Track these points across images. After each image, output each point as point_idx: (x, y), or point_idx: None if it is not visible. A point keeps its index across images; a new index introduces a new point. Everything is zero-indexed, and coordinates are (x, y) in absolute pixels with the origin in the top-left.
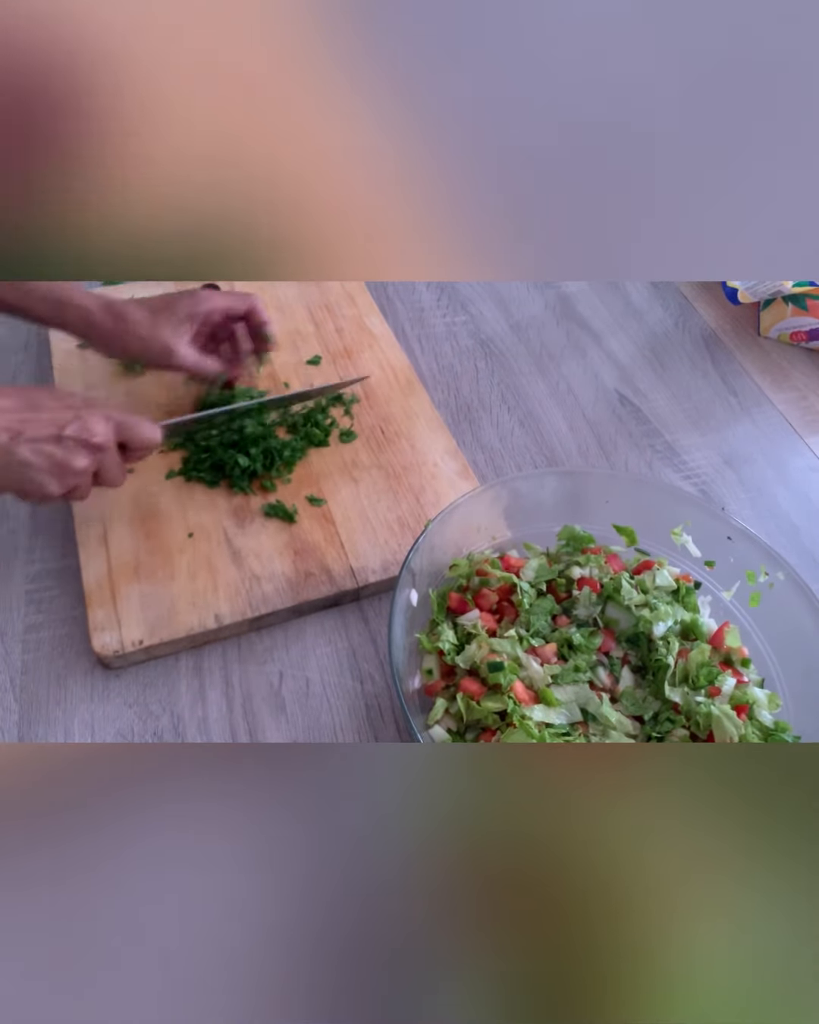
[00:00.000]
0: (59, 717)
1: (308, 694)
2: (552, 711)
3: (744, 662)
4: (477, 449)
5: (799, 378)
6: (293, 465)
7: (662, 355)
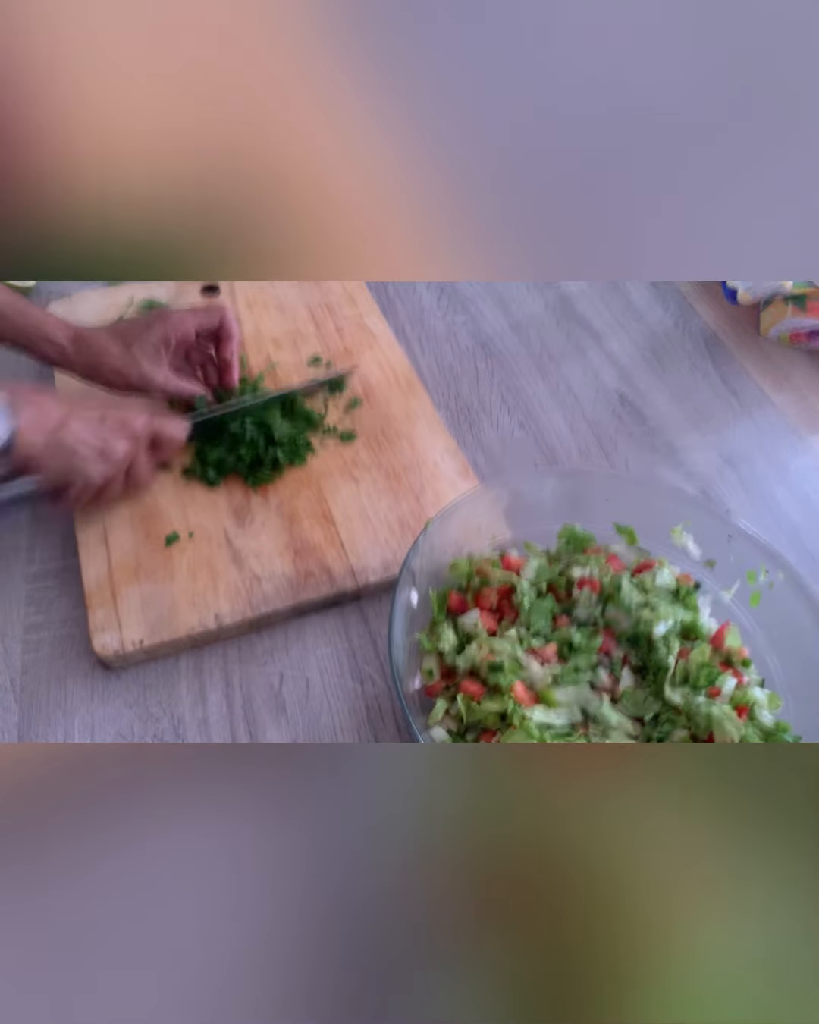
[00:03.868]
0: (59, 717)
1: (308, 695)
2: (552, 712)
3: (744, 662)
4: (477, 449)
5: (799, 378)
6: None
7: (662, 355)
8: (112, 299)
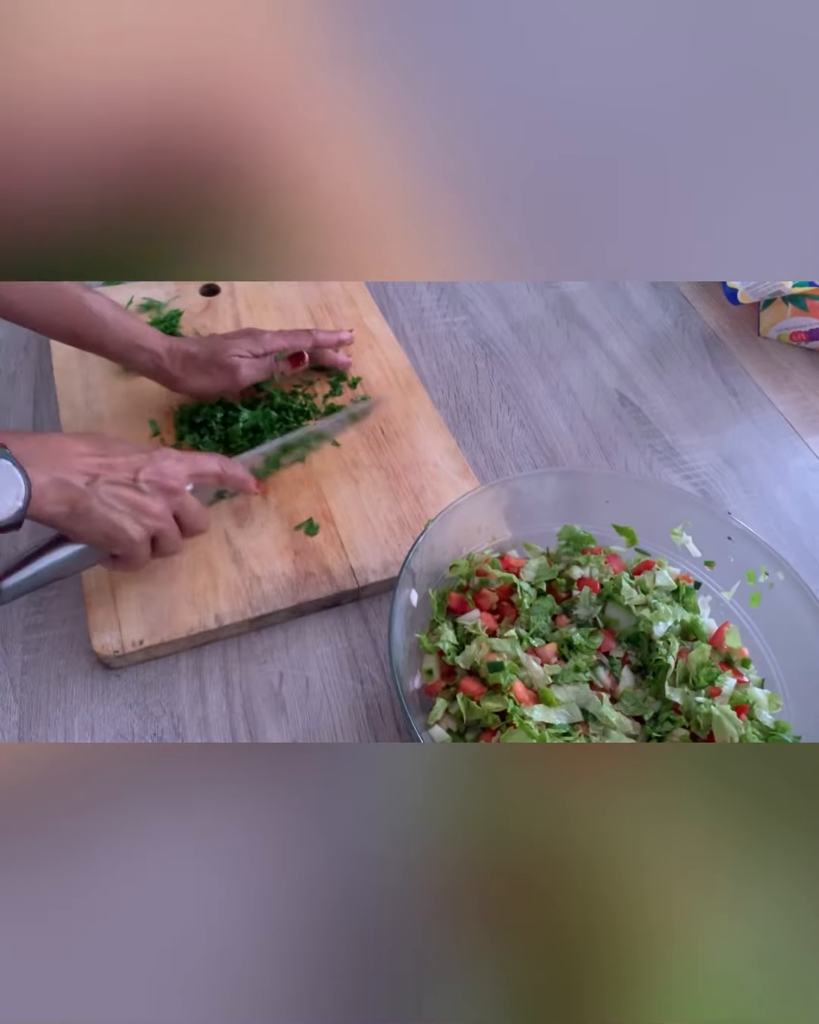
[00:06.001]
0: (59, 717)
1: (308, 694)
2: (552, 711)
3: (744, 662)
4: (477, 449)
5: (799, 378)
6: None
7: (662, 355)
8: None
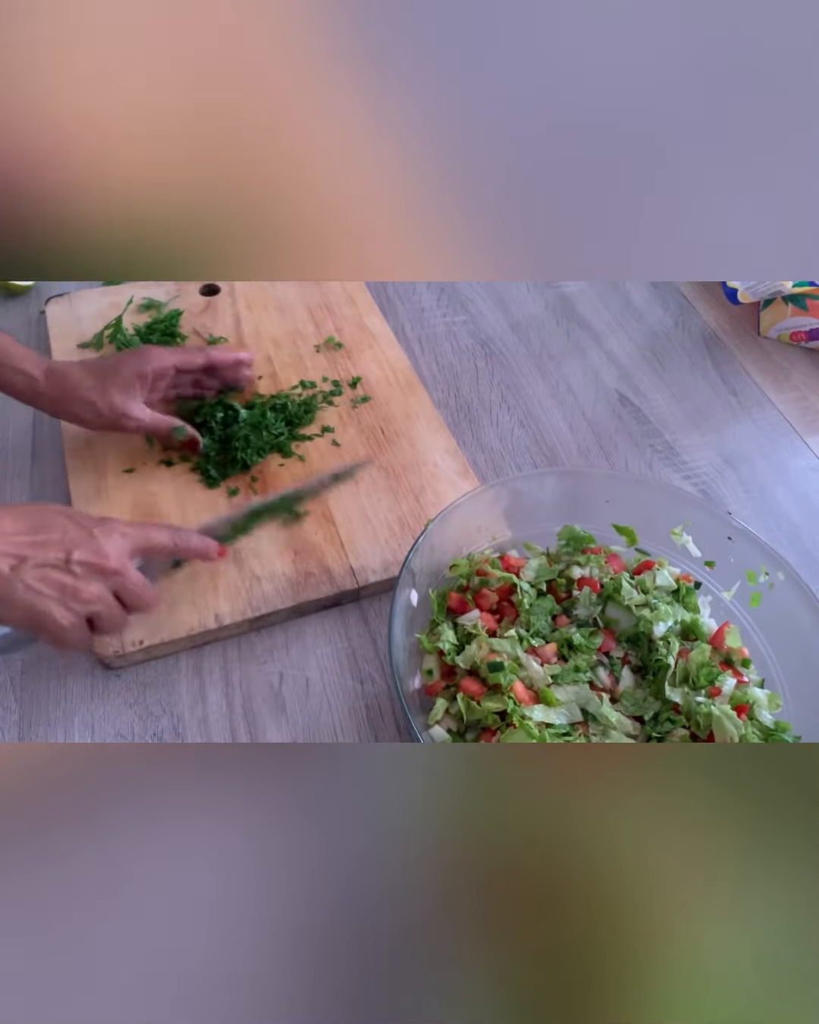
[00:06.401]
0: (59, 717)
1: (308, 694)
2: (552, 711)
3: (744, 662)
4: (477, 449)
5: (799, 378)
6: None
7: (662, 355)
8: (112, 299)
